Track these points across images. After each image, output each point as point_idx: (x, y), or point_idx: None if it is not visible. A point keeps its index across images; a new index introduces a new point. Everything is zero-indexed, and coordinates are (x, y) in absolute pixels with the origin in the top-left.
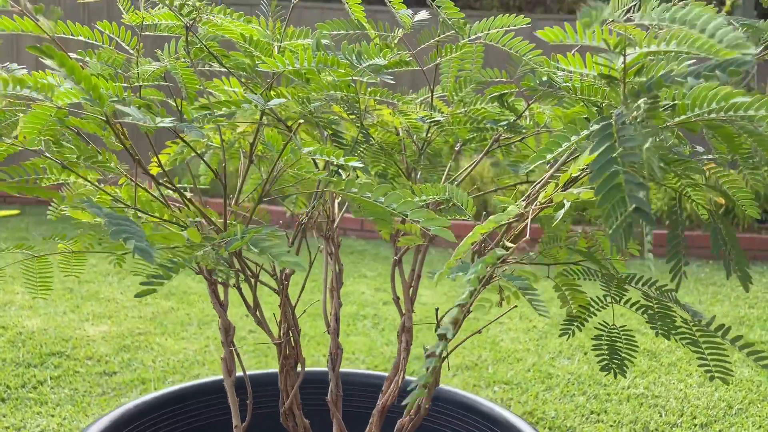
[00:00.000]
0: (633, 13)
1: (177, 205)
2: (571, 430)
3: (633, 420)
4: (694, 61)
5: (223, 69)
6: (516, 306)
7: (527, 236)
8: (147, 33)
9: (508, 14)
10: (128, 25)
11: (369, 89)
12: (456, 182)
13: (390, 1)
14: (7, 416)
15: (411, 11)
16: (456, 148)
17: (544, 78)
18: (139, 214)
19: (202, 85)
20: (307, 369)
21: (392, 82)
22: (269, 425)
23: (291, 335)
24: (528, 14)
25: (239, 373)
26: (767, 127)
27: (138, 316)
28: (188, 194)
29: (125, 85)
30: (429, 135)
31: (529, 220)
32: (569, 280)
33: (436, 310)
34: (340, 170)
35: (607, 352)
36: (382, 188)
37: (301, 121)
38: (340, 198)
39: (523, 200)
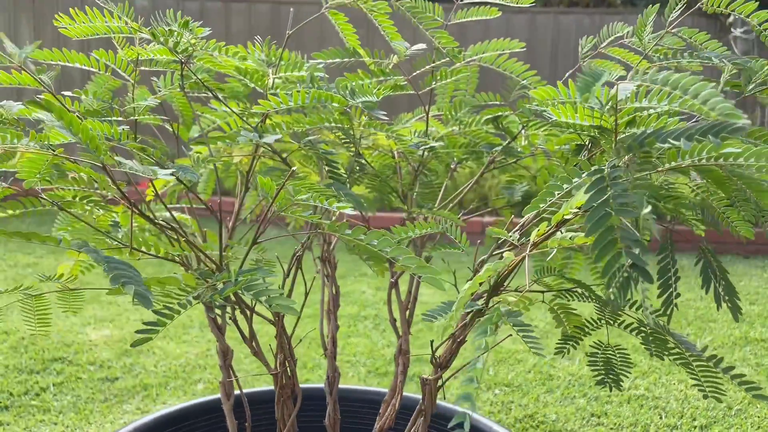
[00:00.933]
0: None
1: (173, 235)
2: None
3: (633, 422)
4: (686, 115)
5: (216, 99)
6: (510, 335)
7: (527, 285)
8: (143, 68)
9: (509, 7)
10: (124, 59)
11: (364, 118)
12: (450, 206)
13: (385, 32)
14: (11, 424)
15: (413, 36)
16: (452, 166)
17: (535, 104)
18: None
19: (196, 112)
20: (305, 386)
21: (385, 118)
22: None
23: (287, 365)
24: (529, 6)
25: (237, 392)
26: (756, 170)
27: (139, 320)
28: (186, 216)
29: (121, 119)
30: (424, 157)
31: (527, 265)
32: (563, 303)
33: (431, 342)
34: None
35: (602, 368)
36: (374, 233)
37: (299, 153)
38: (335, 216)
39: (516, 231)
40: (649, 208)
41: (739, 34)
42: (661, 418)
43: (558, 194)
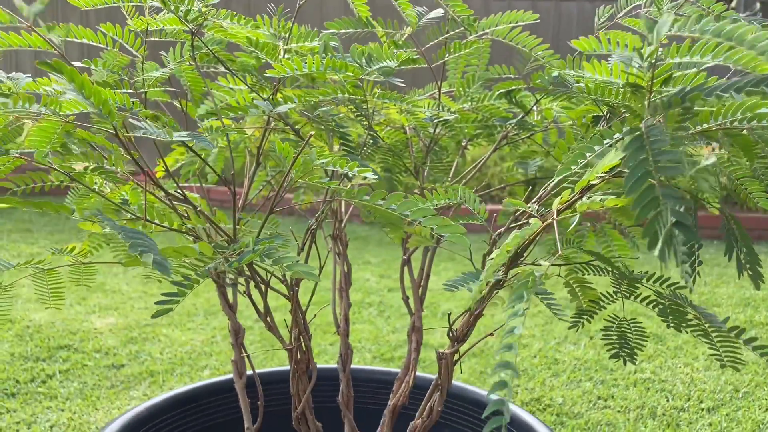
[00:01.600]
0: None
1: (183, 205)
2: (579, 417)
3: (640, 405)
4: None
5: (228, 71)
6: (527, 308)
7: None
8: (152, 38)
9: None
10: (133, 31)
11: (377, 90)
12: (464, 180)
13: (396, 1)
14: (18, 411)
15: (424, 8)
16: (463, 144)
17: (554, 74)
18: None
19: (207, 86)
20: (318, 366)
21: (402, 85)
22: (281, 424)
23: (302, 340)
24: None
25: (249, 371)
26: None
27: (144, 308)
28: (195, 194)
29: (131, 91)
30: (436, 132)
31: (556, 230)
32: (579, 277)
33: (449, 315)
34: (347, 176)
35: (617, 341)
36: (395, 196)
37: (311, 127)
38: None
39: (534, 202)
40: (713, 159)
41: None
42: (668, 400)
43: (590, 155)
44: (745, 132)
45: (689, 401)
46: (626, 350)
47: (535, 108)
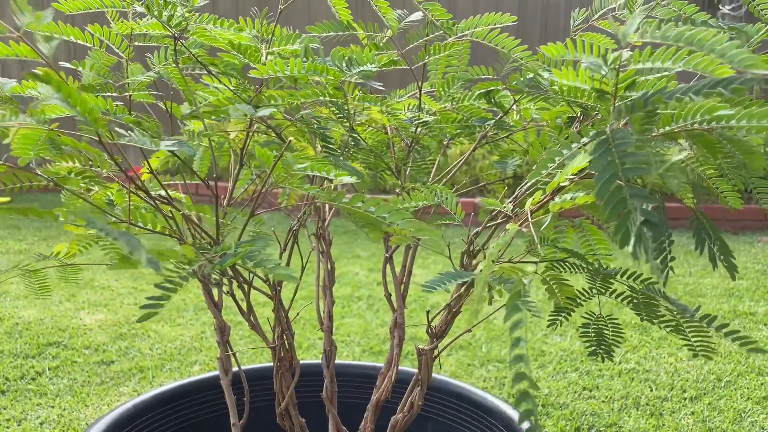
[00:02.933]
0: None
1: (168, 206)
2: (564, 407)
3: (624, 395)
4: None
5: (210, 74)
6: (504, 306)
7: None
8: (136, 43)
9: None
10: (119, 34)
11: (357, 94)
12: (448, 176)
13: (376, 5)
14: (8, 408)
15: (404, 11)
16: (444, 143)
17: (530, 76)
18: (132, 226)
19: (190, 89)
20: (302, 362)
21: (382, 89)
22: (266, 419)
23: (285, 338)
24: None
25: (235, 368)
26: (746, 133)
27: (134, 303)
28: (181, 194)
29: (116, 95)
30: (417, 132)
31: (534, 232)
32: (556, 273)
33: (427, 312)
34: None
35: (594, 338)
36: (372, 199)
37: (294, 128)
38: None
39: (510, 201)
40: (683, 155)
41: (727, 11)
42: (651, 390)
43: (559, 159)
44: (705, 133)
45: (672, 390)
46: (604, 347)
47: (514, 108)
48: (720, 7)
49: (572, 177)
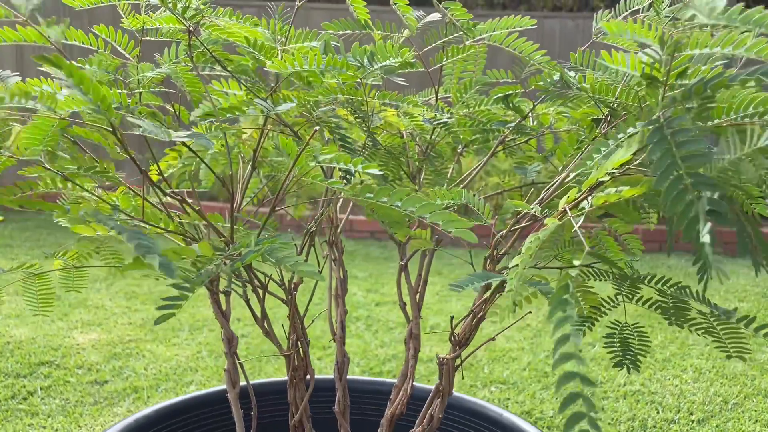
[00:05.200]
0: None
1: (176, 212)
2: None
3: (630, 417)
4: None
5: (224, 72)
6: (530, 312)
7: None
8: (147, 38)
9: (494, 12)
10: (128, 30)
11: (375, 92)
12: (462, 185)
13: (395, 3)
14: None
15: (421, 12)
16: (459, 150)
17: (556, 77)
18: (142, 224)
19: (205, 89)
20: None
21: (405, 84)
22: None
23: (300, 346)
24: (512, 11)
25: (243, 382)
26: None
27: (128, 323)
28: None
29: (126, 91)
30: (433, 137)
31: (578, 228)
32: (580, 281)
33: (451, 318)
34: (347, 175)
35: (619, 349)
36: (398, 192)
37: (313, 126)
38: (340, 202)
39: (537, 203)
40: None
41: None
42: (658, 412)
43: (605, 150)
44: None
45: (679, 413)
46: (629, 357)
47: (530, 114)
48: None
49: (612, 171)
